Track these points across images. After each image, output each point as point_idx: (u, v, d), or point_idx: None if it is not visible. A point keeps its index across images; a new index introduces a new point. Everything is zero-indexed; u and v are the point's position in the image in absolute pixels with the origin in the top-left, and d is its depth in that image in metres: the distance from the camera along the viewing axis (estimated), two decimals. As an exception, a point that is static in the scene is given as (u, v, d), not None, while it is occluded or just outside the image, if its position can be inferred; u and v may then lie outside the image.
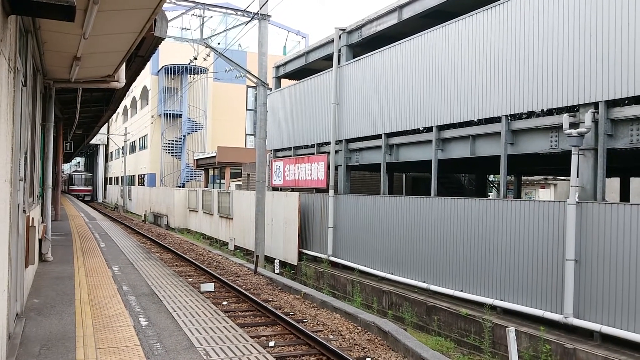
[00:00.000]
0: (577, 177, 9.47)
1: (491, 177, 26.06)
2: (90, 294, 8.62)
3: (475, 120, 11.82)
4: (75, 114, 18.29)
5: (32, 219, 8.39)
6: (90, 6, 5.66)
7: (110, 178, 69.28)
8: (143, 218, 37.80)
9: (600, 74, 9.11)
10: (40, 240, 11.23)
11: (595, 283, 9.00)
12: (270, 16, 18.24)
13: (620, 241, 8.63)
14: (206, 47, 19.14)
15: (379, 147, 14.98)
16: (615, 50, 8.88)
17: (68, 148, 31.50)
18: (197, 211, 30.23)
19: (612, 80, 8.92)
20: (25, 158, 7.46)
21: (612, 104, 9.09)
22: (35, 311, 7.40)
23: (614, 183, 20.04)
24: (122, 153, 54.17)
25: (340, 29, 16.82)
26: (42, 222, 12.53)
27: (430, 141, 12.99)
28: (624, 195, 18.17)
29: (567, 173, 10.29)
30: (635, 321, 8.35)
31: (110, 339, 6.22)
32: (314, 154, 18.56)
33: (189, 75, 44.35)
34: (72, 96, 14.83)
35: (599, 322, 8.88)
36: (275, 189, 21.64)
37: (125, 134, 51.94)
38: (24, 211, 7.12)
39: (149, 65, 34.01)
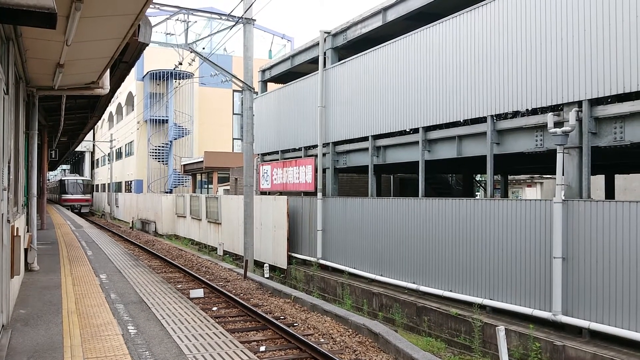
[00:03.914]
0: (563, 175, 9.55)
1: (478, 177, 26.22)
2: (78, 303, 8.52)
3: (461, 120, 11.88)
4: (59, 121, 18.12)
5: (17, 228, 8.29)
6: (72, 12, 5.60)
7: (97, 185, 68.64)
8: (131, 225, 37.53)
9: (584, 72, 9.20)
10: (26, 250, 11.09)
11: (582, 280, 9.07)
12: (254, 20, 18.22)
13: (607, 238, 8.71)
14: (191, 52, 19.07)
15: (366, 149, 15.01)
16: (597, 49, 8.98)
17: (53, 156, 31.14)
18: (185, 217, 30.07)
19: (595, 79, 9.02)
20: (9, 167, 7.37)
21: (595, 102, 9.19)
22: (21, 322, 7.30)
23: (599, 180, 20.26)
24: (109, 160, 53.79)
25: (325, 32, 16.83)
26: (28, 231, 12.39)
27: (417, 142, 13.03)
28: (609, 193, 18.36)
29: (553, 172, 10.37)
30: (623, 317, 8.43)
31: (99, 348, 6.14)
32: (301, 157, 18.54)
33: (174, 81, 44.19)
34: (56, 103, 14.69)
35: (588, 319, 8.95)
36: (263, 193, 21.59)
37: (111, 141, 51.59)
38: (9, 221, 7.03)
39: (133, 71, 33.84)
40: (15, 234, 7.72)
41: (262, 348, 8.83)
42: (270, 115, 20.98)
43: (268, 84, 22.58)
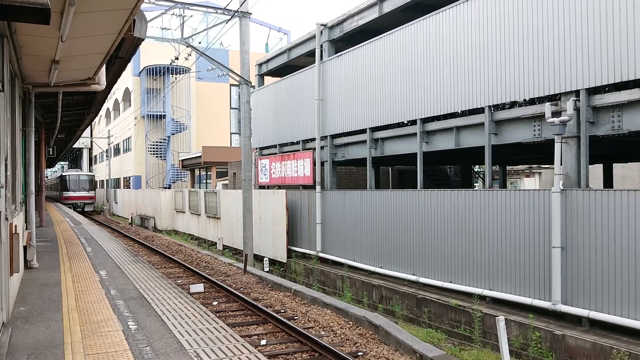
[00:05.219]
0: (561, 165, 9.55)
1: (476, 168, 26.22)
2: (78, 299, 8.52)
3: (459, 111, 11.86)
4: (56, 118, 18.05)
5: (16, 226, 8.27)
6: (67, 8, 5.56)
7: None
8: (130, 221, 37.52)
9: (581, 62, 9.18)
10: (25, 247, 11.07)
11: (581, 269, 9.09)
12: (251, 14, 18.16)
13: (605, 227, 8.72)
14: (187, 47, 19.00)
15: (364, 141, 14.99)
16: (594, 38, 8.96)
17: (51, 153, 31.06)
18: (184, 212, 30.06)
19: (592, 68, 9.00)
20: (6, 164, 7.34)
21: (593, 91, 9.18)
22: (22, 319, 7.29)
23: (597, 170, 20.25)
24: (106, 156, 53.66)
25: (321, 25, 16.77)
26: (27, 228, 12.36)
27: (415, 134, 13.02)
28: (608, 182, 18.37)
29: (552, 161, 10.37)
30: (622, 305, 8.46)
31: (99, 344, 6.15)
32: (299, 150, 18.52)
33: (171, 76, 44.01)
34: (52, 100, 14.62)
35: (587, 308, 8.98)
36: (262, 187, 21.58)
37: (108, 137, 51.47)
38: (7, 218, 7.01)
39: (130, 66, 33.67)
40: (13, 232, 7.71)
41: (263, 342, 8.84)
42: (268, 109, 20.94)
43: (265, 77, 22.52)
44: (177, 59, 21.08)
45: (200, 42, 35.18)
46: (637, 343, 8.13)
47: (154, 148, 44.31)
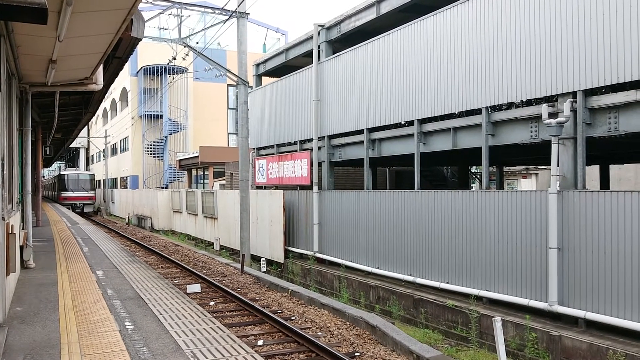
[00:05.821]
0: (558, 166, 9.57)
1: (473, 169, 26.26)
2: (75, 299, 8.51)
3: (456, 112, 11.87)
4: (53, 118, 18.03)
5: (12, 226, 8.25)
6: (64, 8, 5.56)
7: (92, 181, 68.22)
8: (127, 221, 37.48)
9: (578, 63, 9.20)
10: (21, 247, 11.05)
11: (578, 270, 9.11)
12: (248, 14, 18.15)
13: (602, 228, 8.74)
14: (185, 47, 19.00)
15: (362, 142, 15.00)
16: (591, 40, 8.98)
17: (48, 152, 31.03)
18: (181, 212, 30.03)
19: (589, 70, 9.02)
20: (2, 164, 7.33)
21: (589, 92, 9.20)
22: (18, 319, 7.28)
23: (594, 171, 20.30)
24: (104, 156, 53.57)
25: (319, 25, 16.78)
26: (23, 228, 12.33)
27: (412, 135, 13.03)
28: (604, 183, 18.42)
29: (548, 162, 10.39)
30: (619, 306, 8.48)
31: (96, 345, 6.14)
32: (296, 151, 18.52)
33: (168, 76, 43.98)
34: (49, 100, 14.60)
35: (583, 309, 9.00)
36: (259, 187, 21.57)
37: (105, 137, 51.40)
38: (3, 218, 7.00)
39: (127, 66, 33.63)
40: (10, 232, 7.69)
41: (260, 342, 8.85)
42: (265, 109, 20.93)
43: (262, 78, 22.50)
44: (174, 59, 21.07)
45: (197, 42, 35.13)
46: (633, 344, 8.16)
47: (151, 148, 44.26)
